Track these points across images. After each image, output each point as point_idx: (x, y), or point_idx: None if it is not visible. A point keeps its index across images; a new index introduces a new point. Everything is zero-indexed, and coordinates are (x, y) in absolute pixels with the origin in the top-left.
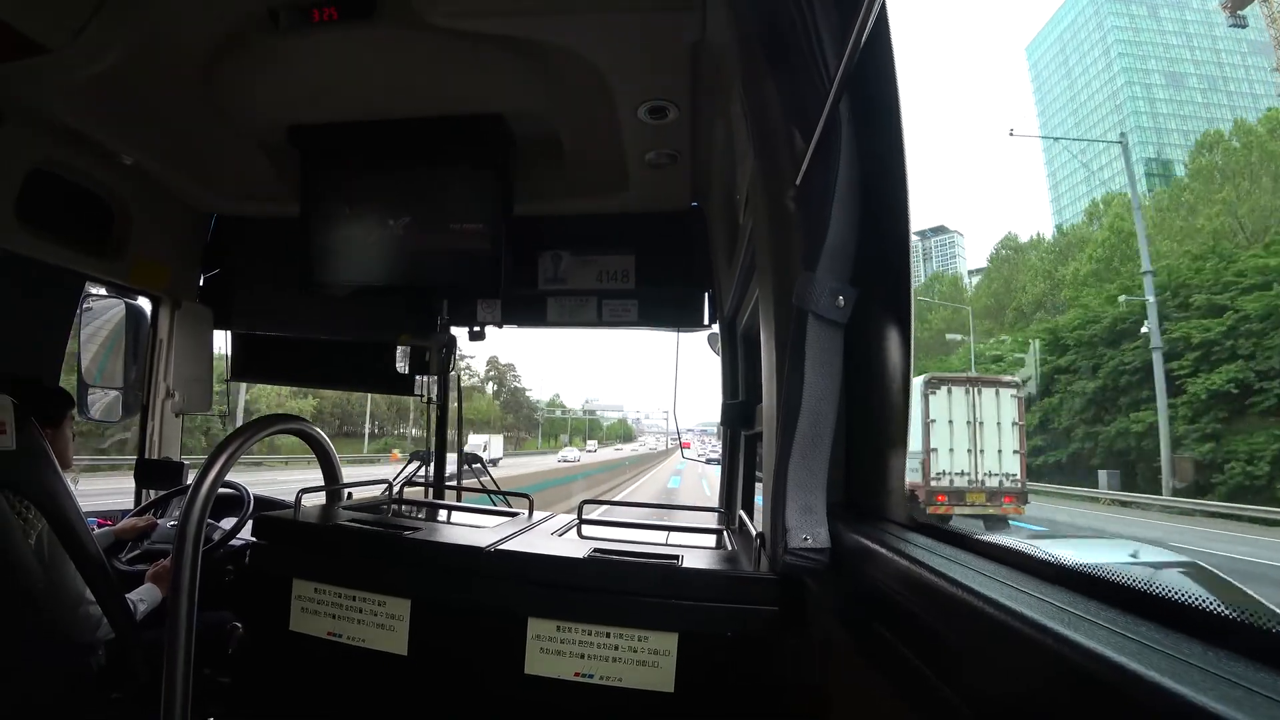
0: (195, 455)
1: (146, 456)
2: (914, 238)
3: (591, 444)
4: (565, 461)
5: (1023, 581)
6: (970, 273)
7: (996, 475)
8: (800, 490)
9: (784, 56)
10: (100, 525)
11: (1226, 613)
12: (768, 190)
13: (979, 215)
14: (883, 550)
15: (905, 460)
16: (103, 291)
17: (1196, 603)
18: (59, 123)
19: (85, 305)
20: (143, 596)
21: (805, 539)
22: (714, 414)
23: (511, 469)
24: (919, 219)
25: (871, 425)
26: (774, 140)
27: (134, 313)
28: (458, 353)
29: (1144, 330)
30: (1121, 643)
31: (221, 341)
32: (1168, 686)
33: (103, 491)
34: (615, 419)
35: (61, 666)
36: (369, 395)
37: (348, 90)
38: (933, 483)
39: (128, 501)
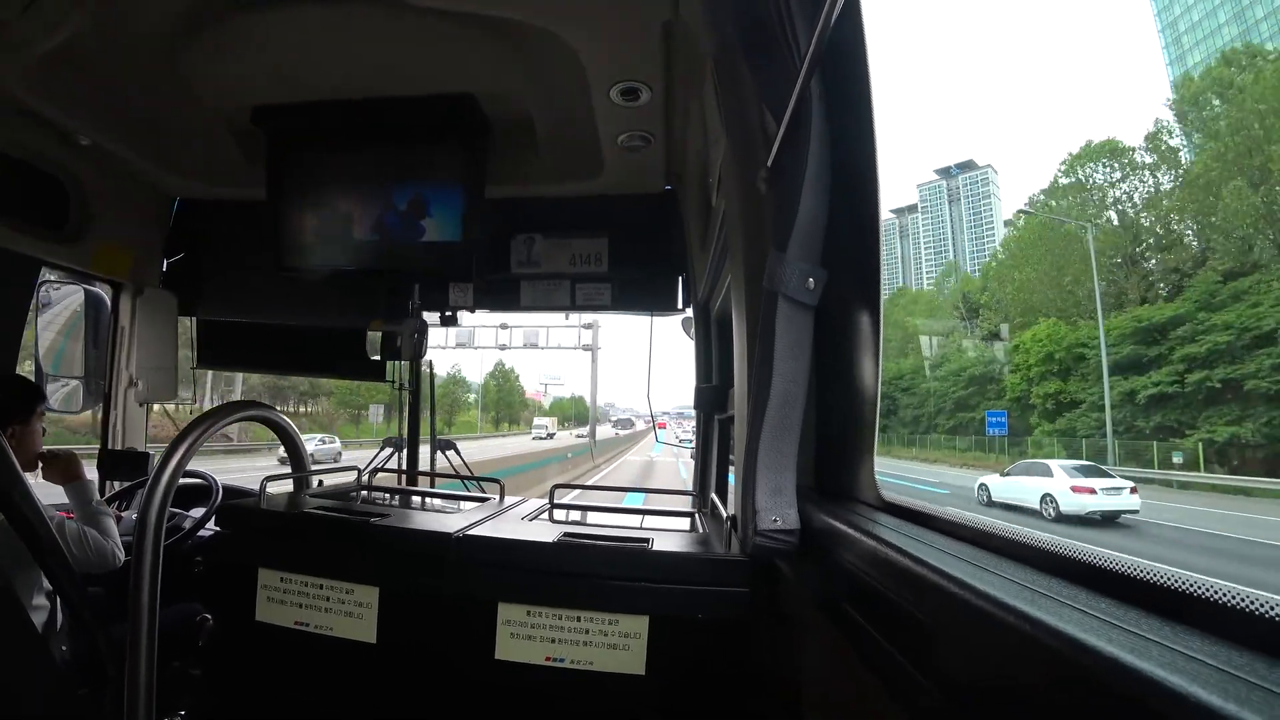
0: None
1: (110, 447)
2: (935, 176)
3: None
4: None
5: (988, 560)
6: (1005, 223)
7: None
8: (770, 472)
9: (756, 37)
10: (67, 520)
11: (1183, 588)
12: (739, 172)
13: (1023, 147)
14: (851, 531)
15: (875, 442)
16: (60, 276)
17: (1153, 578)
18: (11, 100)
19: (42, 292)
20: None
21: (775, 520)
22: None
23: None
24: (942, 156)
25: (841, 407)
26: (746, 122)
27: (93, 299)
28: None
29: None
30: (1084, 620)
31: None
32: (1128, 661)
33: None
34: (567, 396)
35: (24, 662)
36: None
37: (315, 69)
38: None
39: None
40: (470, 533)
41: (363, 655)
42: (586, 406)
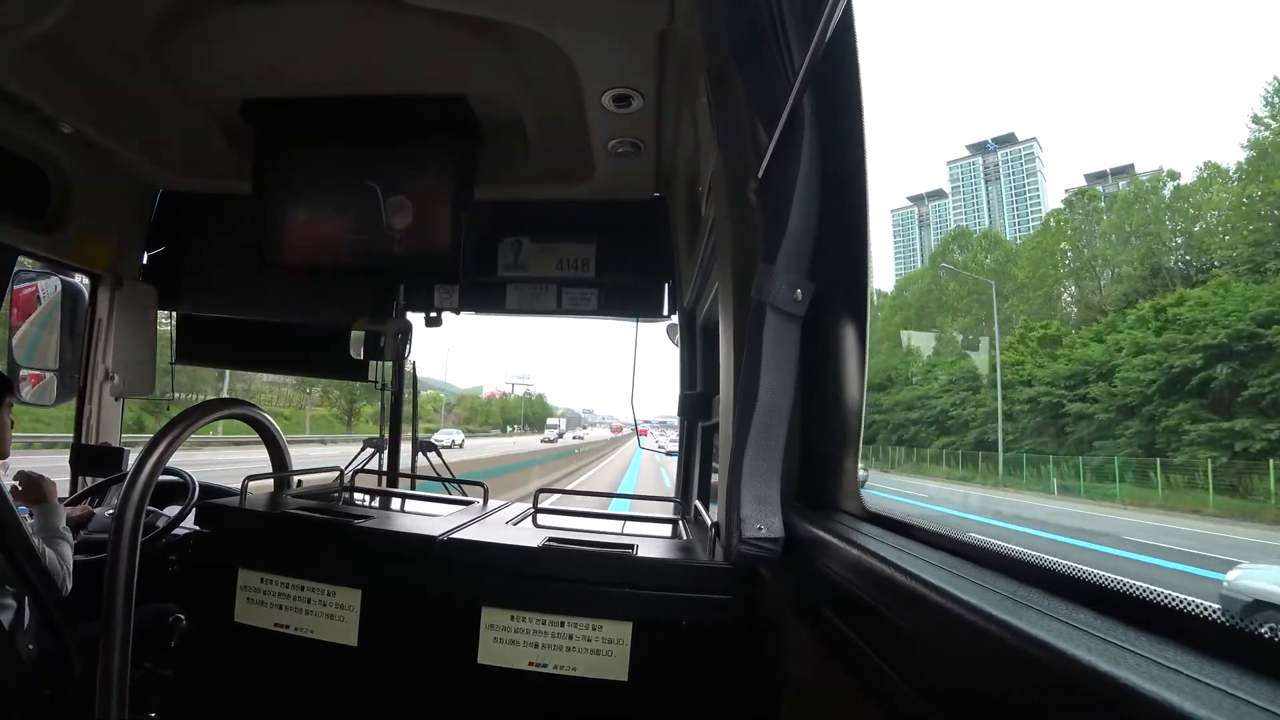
0: None
1: (84, 442)
2: (966, 152)
3: None
4: None
5: (970, 570)
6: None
7: None
8: (755, 481)
9: (750, 48)
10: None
11: (1158, 600)
12: (730, 182)
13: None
14: (835, 540)
15: (859, 453)
16: (36, 266)
17: (1128, 590)
18: None
19: (15, 281)
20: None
21: (760, 529)
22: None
23: None
24: (982, 128)
25: (826, 418)
26: (738, 132)
27: (70, 290)
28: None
29: None
30: (1063, 629)
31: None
32: (1105, 670)
33: None
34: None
35: None
36: None
37: (306, 64)
38: None
39: None
40: (455, 536)
41: (344, 658)
42: (549, 406)
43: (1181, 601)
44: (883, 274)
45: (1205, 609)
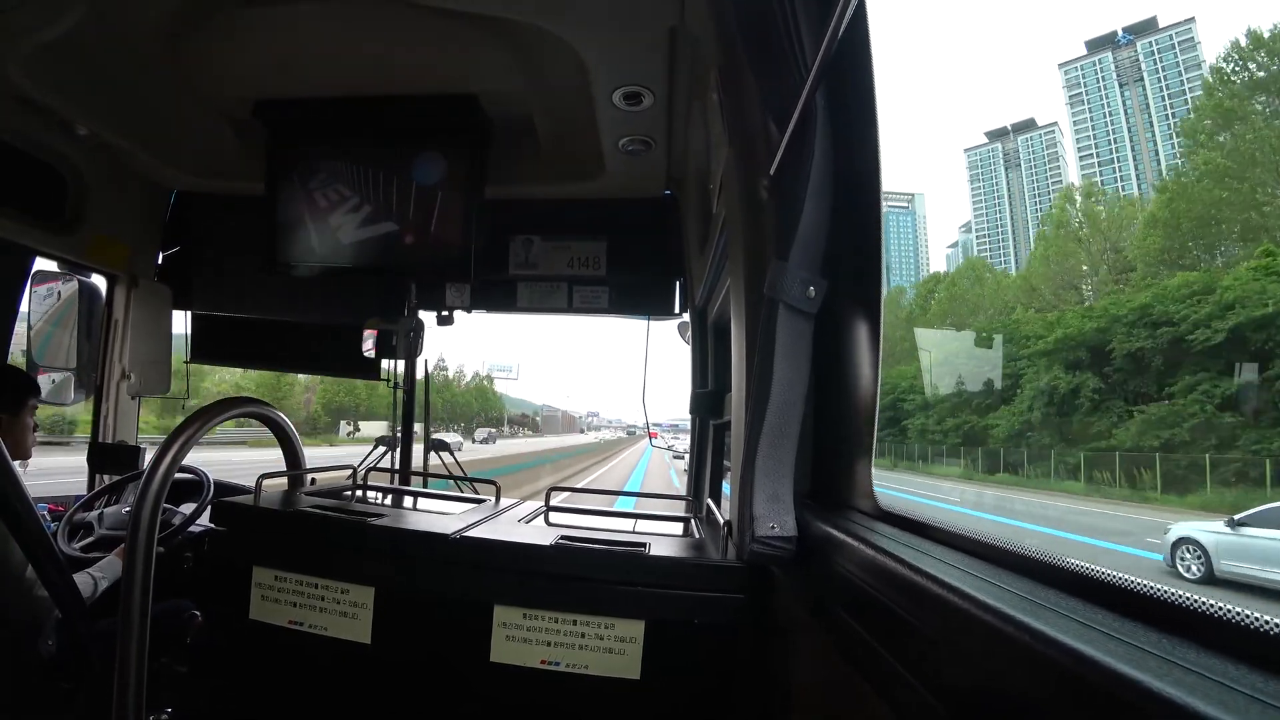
0: None
1: (101, 440)
2: (1083, 50)
3: None
4: None
5: (986, 571)
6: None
7: None
8: (768, 479)
9: (761, 45)
10: (51, 510)
11: (1179, 601)
12: (742, 179)
13: None
14: (849, 539)
15: (873, 450)
16: (53, 267)
17: (1150, 591)
18: (10, 87)
19: (35, 282)
20: (103, 571)
21: (773, 527)
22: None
23: None
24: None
25: (839, 416)
26: (749, 129)
27: (87, 290)
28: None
29: None
30: (1082, 631)
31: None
32: (1127, 673)
33: None
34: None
35: (7, 653)
36: None
37: (318, 65)
38: None
39: None
40: (468, 534)
41: (357, 656)
42: (495, 397)
43: (1202, 603)
44: (946, 224)
45: (1226, 610)
